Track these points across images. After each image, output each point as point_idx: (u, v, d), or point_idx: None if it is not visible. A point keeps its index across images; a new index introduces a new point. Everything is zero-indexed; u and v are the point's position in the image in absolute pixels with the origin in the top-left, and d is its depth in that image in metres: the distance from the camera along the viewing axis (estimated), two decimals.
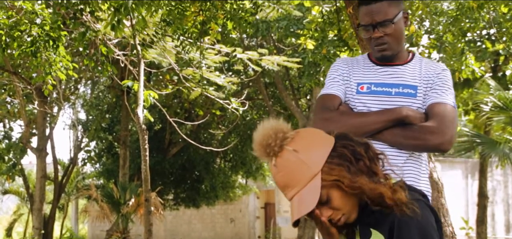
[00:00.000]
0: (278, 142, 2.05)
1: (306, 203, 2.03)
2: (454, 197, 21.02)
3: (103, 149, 21.67)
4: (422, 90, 2.81)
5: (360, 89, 2.86)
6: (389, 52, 2.85)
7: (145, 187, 9.34)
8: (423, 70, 2.88)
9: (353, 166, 2.05)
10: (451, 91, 2.85)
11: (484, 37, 13.61)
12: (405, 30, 2.93)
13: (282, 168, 2.06)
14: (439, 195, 5.90)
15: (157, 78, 17.18)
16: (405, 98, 2.78)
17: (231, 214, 27.50)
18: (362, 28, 2.90)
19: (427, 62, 2.93)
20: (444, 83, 2.83)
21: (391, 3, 2.83)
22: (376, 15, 2.82)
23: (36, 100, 15.80)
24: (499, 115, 12.67)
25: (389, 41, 2.84)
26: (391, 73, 2.87)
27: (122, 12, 6.32)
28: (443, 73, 2.87)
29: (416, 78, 2.84)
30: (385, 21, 2.81)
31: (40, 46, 6.74)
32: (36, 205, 16.50)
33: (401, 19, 2.85)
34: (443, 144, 2.64)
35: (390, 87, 2.82)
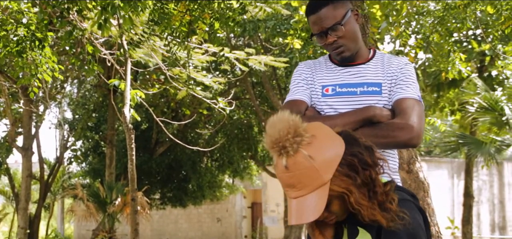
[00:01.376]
0: (295, 146, 2.00)
1: (311, 210, 2.01)
2: (440, 197, 21.12)
3: (89, 148, 21.58)
4: (386, 86, 2.81)
5: (325, 91, 2.86)
6: (347, 54, 2.84)
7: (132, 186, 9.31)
8: (386, 66, 2.87)
9: (359, 177, 2.03)
10: (415, 85, 2.83)
11: (471, 37, 13.69)
12: (358, 27, 2.91)
13: (292, 169, 2.01)
14: (425, 195, 5.92)
15: (144, 77, 17.13)
16: (371, 97, 2.77)
17: (217, 214, 27.47)
18: (316, 37, 2.88)
19: (389, 57, 2.93)
20: (407, 78, 2.82)
21: (336, 5, 2.81)
22: (324, 21, 2.80)
23: (21, 99, 15.71)
24: (485, 115, 12.75)
25: (344, 43, 2.82)
26: (354, 73, 2.86)
27: (109, 11, 6.30)
28: (406, 67, 2.86)
29: (379, 75, 2.84)
30: (334, 25, 2.79)
31: (26, 46, 6.70)
32: (21, 204, 16.40)
33: (350, 18, 2.83)
34: (413, 139, 2.62)
35: (354, 87, 2.82)
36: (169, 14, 6.83)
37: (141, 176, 18.27)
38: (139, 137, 18.50)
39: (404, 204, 2.13)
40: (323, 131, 2.09)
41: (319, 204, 2.01)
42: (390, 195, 2.09)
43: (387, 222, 2.04)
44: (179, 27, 7.06)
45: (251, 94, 17.92)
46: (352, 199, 2.02)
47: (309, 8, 2.88)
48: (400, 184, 2.68)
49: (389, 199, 2.08)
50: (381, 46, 11.73)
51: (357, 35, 2.87)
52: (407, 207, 2.13)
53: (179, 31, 7.11)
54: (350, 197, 2.02)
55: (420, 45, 10.53)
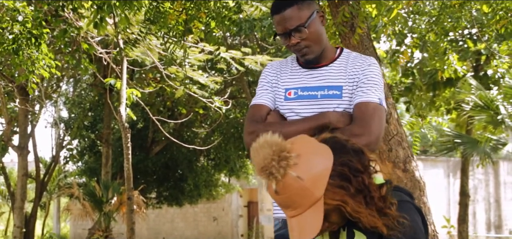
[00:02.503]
0: (282, 170, 1.98)
1: (310, 228, 2.01)
2: (436, 196, 21.15)
3: (85, 147, 21.56)
4: (348, 89, 2.77)
5: (288, 95, 2.84)
6: (311, 56, 2.81)
7: (128, 185, 9.32)
8: (349, 67, 2.82)
9: (353, 186, 2.01)
10: (378, 86, 2.78)
11: (466, 36, 13.70)
12: (323, 29, 2.87)
13: (283, 192, 2.01)
14: (421, 194, 5.93)
15: (140, 76, 17.12)
16: (331, 101, 2.75)
17: (214, 213, 27.47)
18: (279, 37, 2.85)
19: (355, 57, 2.87)
20: (369, 80, 2.77)
21: (301, 7, 2.77)
22: (288, 22, 2.77)
23: (17, 98, 15.68)
24: (481, 114, 12.77)
25: (308, 45, 2.79)
26: (316, 75, 2.83)
27: (105, 10, 6.29)
28: (369, 68, 2.80)
29: (341, 77, 2.80)
30: (298, 27, 2.76)
31: (22, 44, 6.69)
32: (17, 204, 16.37)
33: (315, 19, 2.80)
34: (370, 145, 2.58)
35: (316, 90, 2.79)
36: (165, 13, 6.83)
37: (137, 175, 18.25)
38: (135, 135, 18.49)
39: (403, 206, 2.11)
40: (308, 147, 2.06)
41: (316, 221, 2.01)
42: (388, 199, 2.07)
43: (388, 230, 2.03)
44: (175, 26, 7.05)
45: (247, 94, 17.92)
46: (348, 209, 2.01)
47: (274, 7, 2.84)
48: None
49: (387, 204, 2.06)
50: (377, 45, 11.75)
51: (321, 37, 2.83)
52: (406, 208, 2.11)
53: (175, 30, 7.10)
54: (346, 208, 2.01)
55: (416, 44, 10.55)
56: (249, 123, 2.84)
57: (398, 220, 2.04)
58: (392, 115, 5.96)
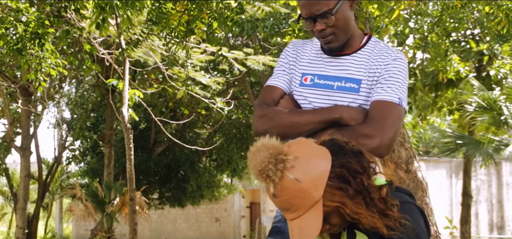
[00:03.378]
0: (279, 173, 1.97)
1: (310, 229, 2.01)
2: (438, 197, 21.13)
3: (88, 148, 21.57)
4: (366, 83, 2.59)
5: (304, 81, 2.68)
6: (336, 44, 2.62)
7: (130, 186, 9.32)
8: (373, 59, 2.63)
9: (352, 188, 2.00)
10: (400, 84, 2.60)
11: (468, 37, 13.70)
12: (352, 15, 2.66)
13: (282, 195, 2.00)
14: (424, 195, 5.93)
15: (142, 77, 17.13)
16: (347, 94, 2.58)
17: (216, 214, 27.47)
18: (304, 21, 2.65)
19: (381, 49, 2.67)
20: (391, 76, 2.58)
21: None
22: (314, 6, 2.57)
23: (20, 99, 15.70)
24: (483, 115, 12.76)
25: (334, 32, 2.59)
26: (337, 64, 2.65)
27: (107, 11, 6.30)
28: (393, 63, 2.61)
29: (362, 70, 2.61)
30: (324, 13, 2.56)
31: (26, 44, 6.70)
32: (20, 204, 16.40)
33: (344, 5, 2.59)
34: (379, 148, 2.43)
35: (332, 80, 2.62)
36: (167, 13, 6.84)
37: (139, 175, 18.25)
38: (137, 136, 18.50)
39: (405, 207, 2.10)
40: (306, 149, 2.05)
41: (316, 223, 2.00)
42: (389, 201, 2.06)
43: (388, 230, 2.02)
44: (177, 26, 7.06)
45: (249, 94, 17.93)
46: (347, 210, 2.01)
47: None
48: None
49: (388, 205, 2.05)
50: None
51: (349, 25, 2.63)
52: (408, 209, 2.10)
53: (177, 31, 7.12)
54: (345, 209, 2.01)
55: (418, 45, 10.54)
56: (259, 106, 2.68)
57: (400, 221, 2.03)
58: None
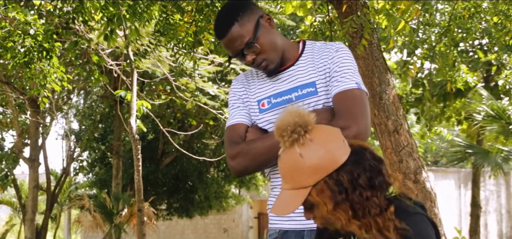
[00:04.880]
0: (291, 140, 2.03)
1: (284, 205, 2.06)
2: (447, 207, 21.06)
3: (96, 159, 21.61)
4: (321, 82, 2.60)
5: (262, 106, 2.67)
6: (272, 66, 2.61)
7: (138, 197, 9.33)
8: (317, 59, 2.64)
9: (345, 195, 2.00)
10: (351, 70, 2.60)
11: (477, 47, 13.68)
12: (275, 32, 2.65)
13: (283, 162, 2.07)
14: (432, 205, 5.90)
15: (150, 88, 17.17)
16: (308, 99, 2.59)
17: (224, 224, 27.45)
18: (235, 58, 2.66)
19: (319, 48, 2.68)
20: (341, 66, 2.59)
21: (243, 22, 2.56)
22: (236, 42, 2.56)
23: (28, 110, 15.76)
24: (492, 124, 12.72)
25: (265, 57, 2.59)
26: (286, 78, 2.65)
27: (115, 22, 6.33)
28: (337, 54, 2.62)
29: (311, 72, 2.62)
30: (247, 44, 2.55)
31: (34, 57, 6.73)
32: (28, 215, 16.43)
33: (263, 28, 2.58)
34: (359, 135, 2.44)
35: (289, 93, 2.62)
36: (175, 25, 6.86)
37: (147, 186, 18.27)
38: (145, 147, 18.52)
39: (417, 218, 2.10)
40: (327, 139, 2.07)
41: (293, 204, 2.04)
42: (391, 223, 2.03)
43: (361, 231, 2.01)
44: (185, 37, 7.08)
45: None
46: (324, 211, 2.02)
47: (216, 32, 2.64)
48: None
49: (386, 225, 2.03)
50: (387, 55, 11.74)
51: (276, 43, 2.62)
52: (419, 220, 2.10)
53: (185, 42, 7.13)
54: (322, 209, 2.02)
55: (425, 55, 10.53)
56: (229, 147, 2.66)
57: None
58: (403, 126, 5.95)
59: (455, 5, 8.67)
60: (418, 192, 5.83)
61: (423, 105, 14.84)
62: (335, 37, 6.89)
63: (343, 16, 5.89)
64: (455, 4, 8.67)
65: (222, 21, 2.59)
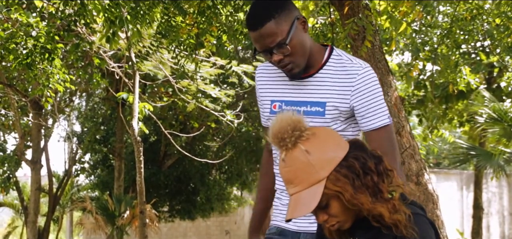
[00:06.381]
0: (293, 139, 2.03)
1: (304, 205, 2.03)
2: (449, 209, 21.03)
3: (98, 161, 21.61)
4: (333, 105, 2.55)
5: (273, 108, 2.67)
6: (297, 70, 2.56)
7: (140, 199, 9.34)
8: (339, 78, 2.57)
9: (359, 180, 2.02)
10: (380, 100, 2.57)
11: (479, 49, 13.66)
12: (306, 36, 2.59)
13: (290, 164, 2.05)
14: (434, 207, 5.90)
15: (152, 90, 17.17)
16: (313, 118, 2.56)
17: (226, 226, 27.43)
18: (261, 53, 2.60)
19: (344, 65, 2.59)
20: (371, 97, 2.56)
21: (279, 20, 2.48)
22: (267, 39, 2.49)
23: (30, 112, 15.77)
24: (494, 127, 12.70)
25: (292, 60, 2.53)
26: (301, 88, 2.61)
27: (117, 25, 6.33)
28: (364, 81, 2.56)
29: (326, 90, 2.57)
30: (279, 44, 2.49)
31: (36, 59, 6.74)
32: (30, 218, 16.44)
33: (297, 30, 2.51)
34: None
35: (299, 105, 2.60)
36: (177, 27, 6.86)
37: (149, 188, 18.25)
38: (147, 149, 18.52)
39: (416, 219, 2.10)
40: (326, 133, 2.11)
41: (312, 200, 2.02)
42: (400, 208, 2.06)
43: (391, 215, 2.02)
44: (187, 39, 7.08)
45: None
46: (347, 196, 2.01)
47: (248, 22, 2.55)
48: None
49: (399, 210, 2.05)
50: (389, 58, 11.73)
51: (305, 47, 2.56)
52: (419, 221, 2.10)
53: (187, 44, 7.13)
54: (345, 195, 2.01)
55: (428, 57, 10.53)
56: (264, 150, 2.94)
57: (407, 228, 2.03)
58: (405, 128, 5.94)
59: (457, 7, 8.66)
60: (420, 194, 5.83)
61: (425, 107, 14.83)
62: (337, 39, 6.89)
63: (345, 18, 5.89)
64: (457, 6, 8.66)
65: (259, 14, 2.51)
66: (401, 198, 2.13)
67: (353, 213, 2.09)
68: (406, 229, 2.03)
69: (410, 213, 2.08)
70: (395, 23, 7.15)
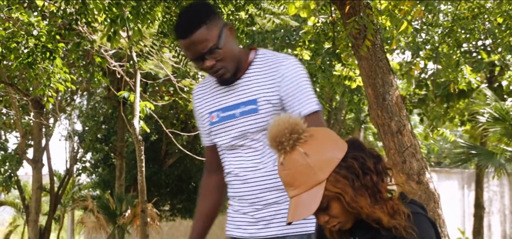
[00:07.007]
0: (291, 142, 2.02)
1: (305, 208, 2.03)
2: (450, 208, 21.02)
3: (99, 160, 21.62)
4: (264, 100, 2.60)
5: (212, 119, 2.72)
6: (228, 75, 2.62)
7: (141, 198, 9.34)
8: (266, 73, 2.63)
9: (359, 181, 2.02)
10: (307, 87, 2.62)
11: (480, 48, 13.66)
12: (234, 40, 2.68)
13: (288, 167, 2.04)
14: (436, 206, 5.90)
15: (154, 89, 17.18)
16: (249, 117, 2.61)
17: None
18: (192, 61, 2.67)
19: (269, 60, 2.67)
20: (296, 85, 2.60)
21: (210, 26, 2.54)
22: (199, 45, 2.54)
23: (32, 111, 15.78)
24: (495, 126, 12.68)
25: (223, 65, 2.59)
26: (233, 92, 2.67)
27: (118, 23, 6.33)
28: (289, 73, 2.60)
29: (255, 88, 2.62)
30: (211, 49, 2.55)
31: (37, 58, 6.75)
32: (32, 217, 16.45)
33: (227, 35, 2.59)
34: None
35: (234, 109, 2.65)
36: None
37: (150, 187, 18.26)
38: (148, 148, 18.53)
39: (417, 218, 2.09)
40: (324, 134, 2.11)
41: (313, 202, 2.02)
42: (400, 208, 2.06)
43: (390, 219, 2.02)
44: None
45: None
46: (347, 198, 2.01)
47: (179, 31, 2.60)
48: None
49: (396, 210, 2.05)
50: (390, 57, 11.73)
51: (234, 52, 2.64)
52: (419, 220, 2.09)
53: None
54: (345, 197, 2.01)
55: (429, 55, 10.52)
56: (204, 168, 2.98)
57: (407, 229, 2.03)
58: (406, 127, 5.94)
59: (458, 6, 8.65)
60: (421, 193, 5.83)
61: (427, 106, 14.83)
62: (338, 38, 6.89)
63: (346, 17, 5.89)
64: (458, 4, 8.65)
65: (189, 22, 2.56)
66: (401, 197, 2.12)
67: (354, 214, 2.09)
68: (406, 230, 2.03)
69: (410, 212, 2.07)
70: (396, 22, 7.15)
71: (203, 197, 2.97)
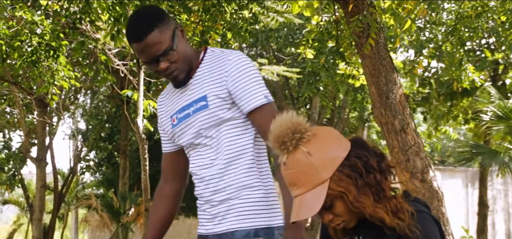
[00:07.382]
0: (294, 142, 2.02)
1: (308, 207, 2.03)
2: (454, 206, 21.00)
3: (103, 159, 21.64)
4: (214, 95, 2.63)
5: (173, 122, 2.77)
6: (182, 76, 2.67)
7: (145, 196, 9.34)
8: (214, 70, 2.66)
9: (362, 179, 2.02)
10: (256, 81, 2.64)
11: (484, 46, 13.64)
12: (186, 43, 2.72)
13: (292, 167, 2.04)
14: (440, 204, 5.89)
15: (157, 87, 17.19)
16: (200, 113, 2.64)
17: None
18: (146, 65, 2.71)
19: (217, 57, 2.71)
20: (245, 79, 2.62)
21: (162, 28, 2.58)
22: (153, 48, 2.57)
23: (35, 110, 15.80)
24: (499, 124, 12.67)
25: (177, 66, 2.63)
26: (186, 92, 2.72)
27: (122, 22, 6.34)
28: (236, 67, 2.63)
29: (205, 85, 2.65)
30: (165, 51, 2.59)
31: (41, 56, 6.76)
32: (35, 215, 16.47)
33: (178, 37, 2.63)
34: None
35: (188, 108, 2.69)
36: (182, 24, 6.87)
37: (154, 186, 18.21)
38: (152, 147, 18.47)
39: (420, 216, 2.09)
40: (327, 133, 2.10)
41: (316, 202, 2.02)
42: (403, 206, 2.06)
43: (393, 218, 2.02)
44: (192, 37, 7.09)
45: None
46: (350, 197, 2.02)
47: (132, 35, 2.62)
48: (274, 188, 2.80)
49: (399, 208, 2.05)
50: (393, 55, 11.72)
51: (187, 53, 2.68)
52: (423, 218, 2.09)
53: (192, 41, 7.14)
54: (349, 196, 2.02)
55: (432, 54, 10.51)
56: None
57: (411, 227, 2.03)
58: (410, 126, 5.94)
59: (462, 4, 8.65)
60: (425, 191, 5.82)
61: (430, 104, 14.81)
62: (341, 37, 6.89)
63: (350, 16, 5.89)
64: (462, 3, 8.65)
65: (142, 25, 2.59)
66: (404, 195, 2.13)
67: (357, 213, 2.09)
68: (409, 229, 2.03)
69: (414, 210, 2.07)
70: (400, 21, 7.15)
71: (156, 205, 3.05)
